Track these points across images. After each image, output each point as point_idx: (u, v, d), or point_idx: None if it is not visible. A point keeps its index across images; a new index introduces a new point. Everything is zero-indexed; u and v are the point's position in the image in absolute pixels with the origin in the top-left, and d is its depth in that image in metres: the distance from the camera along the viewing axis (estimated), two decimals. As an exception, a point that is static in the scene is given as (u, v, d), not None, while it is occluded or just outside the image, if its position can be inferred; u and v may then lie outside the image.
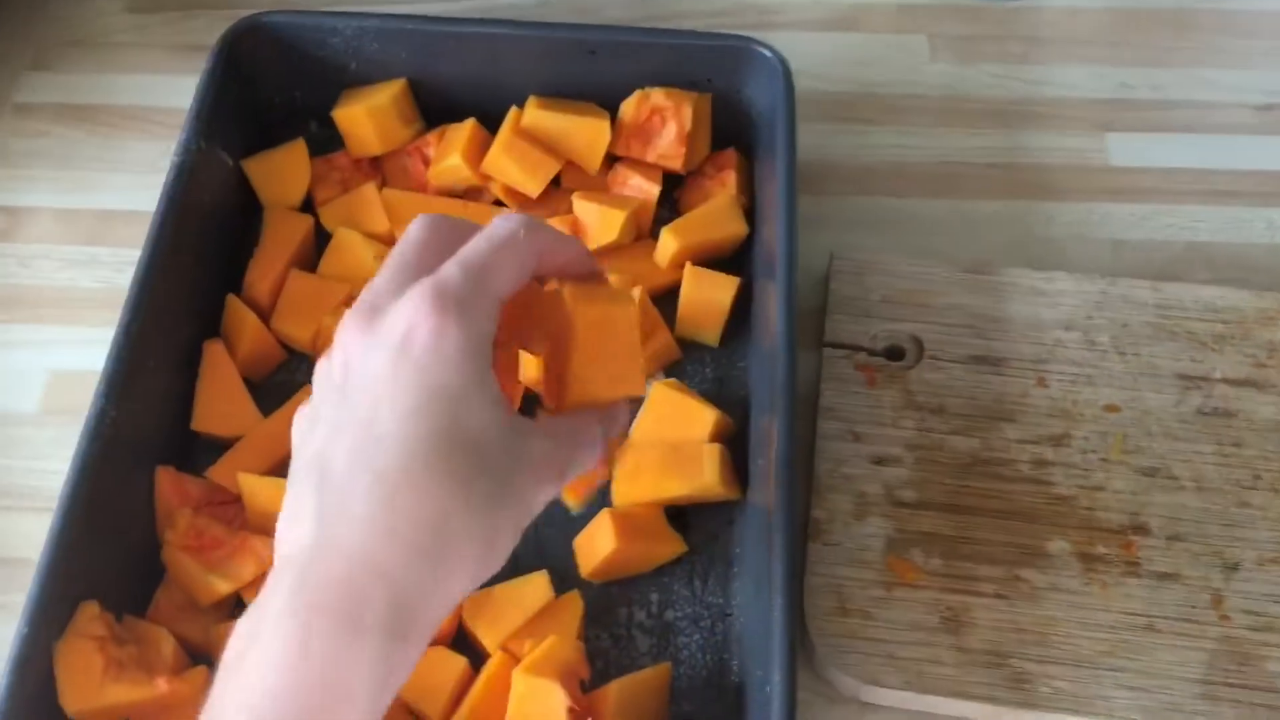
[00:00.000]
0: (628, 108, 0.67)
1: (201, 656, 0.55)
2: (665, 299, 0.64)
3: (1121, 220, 0.71)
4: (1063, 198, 0.72)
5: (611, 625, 0.57)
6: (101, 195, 0.72)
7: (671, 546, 0.58)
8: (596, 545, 0.57)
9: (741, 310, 0.64)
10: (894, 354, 0.64)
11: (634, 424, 0.60)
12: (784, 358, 0.55)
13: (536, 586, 0.56)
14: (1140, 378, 0.63)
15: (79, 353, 0.66)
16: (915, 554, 0.58)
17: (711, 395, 0.62)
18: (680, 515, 0.60)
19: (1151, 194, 0.72)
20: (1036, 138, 0.75)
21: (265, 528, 0.56)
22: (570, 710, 0.50)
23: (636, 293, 0.61)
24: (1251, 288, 0.66)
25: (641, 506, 0.58)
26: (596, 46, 0.66)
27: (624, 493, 0.58)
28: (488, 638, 0.55)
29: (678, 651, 0.57)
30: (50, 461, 0.63)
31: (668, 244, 0.64)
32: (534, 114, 0.66)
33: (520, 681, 0.52)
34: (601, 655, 0.56)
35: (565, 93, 0.68)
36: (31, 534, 0.59)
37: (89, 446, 0.53)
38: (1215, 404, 0.62)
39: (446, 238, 0.42)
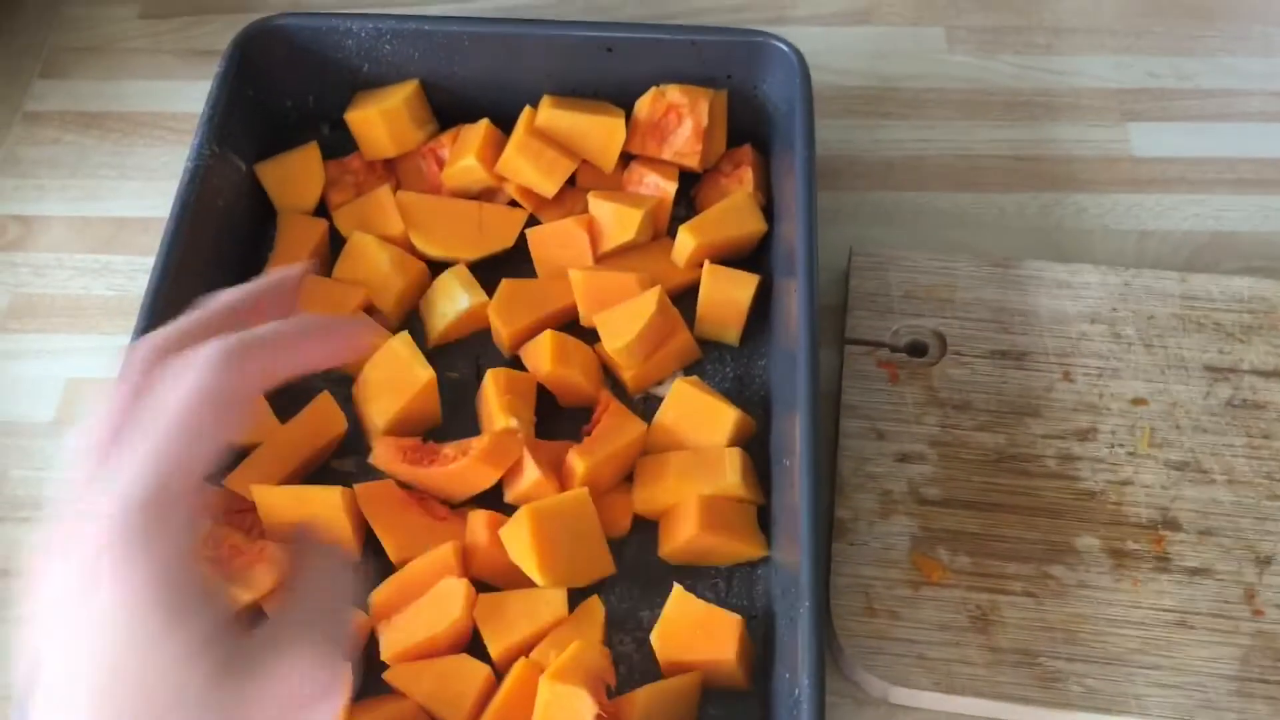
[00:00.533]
0: (643, 105, 0.66)
1: (223, 666, 0.54)
2: (684, 298, 0.64)
3: (1147, 211, 0.71)
4: (1087, 189, 0.72)
5: (635, 629, 0.56)
6: (114, 202, 0.72)
7: (753, 548, 0.57)
8: (678, 528, 0.56)
9: (761, 309, 0.63)
10: (916, 350, 0.64)
11: (655, 421, 0.59)
12: (806, 356, 0.55)
13: (550, 601, 0.55)
14: (1167, 370, 0.62)
15: (94, 361, 0.66)
16: (941, 552, 0.57)
17: (732, 395, 0.61)
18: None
19: (1177, 184, 0.72)
20: (1059, 129, 0.74)
21: (283, 537, 0.56)
22: (598, 717, 0.50)
23: (655, 292, 0.60)
24: (1279, 277, 0.65)
25: (732, 501, 0.57)
26: (614, 44, 0.65)
27: (645, 499, 0.58)
28: (491, 643, 0.54)
29: (703, 655, 0.56)
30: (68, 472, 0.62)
31: (685, 242, 0.63)
32: (548, 113, 0.66)
33: (546, 688, 0.51)
34: (625, 660, 0.56)
35: (580, 91, 0.68)
36: (50, 544, 0.59)
37: (106, 456, 0.53)
38: (1244, 395, 0.62)
39: (141, 391, 0.35)
